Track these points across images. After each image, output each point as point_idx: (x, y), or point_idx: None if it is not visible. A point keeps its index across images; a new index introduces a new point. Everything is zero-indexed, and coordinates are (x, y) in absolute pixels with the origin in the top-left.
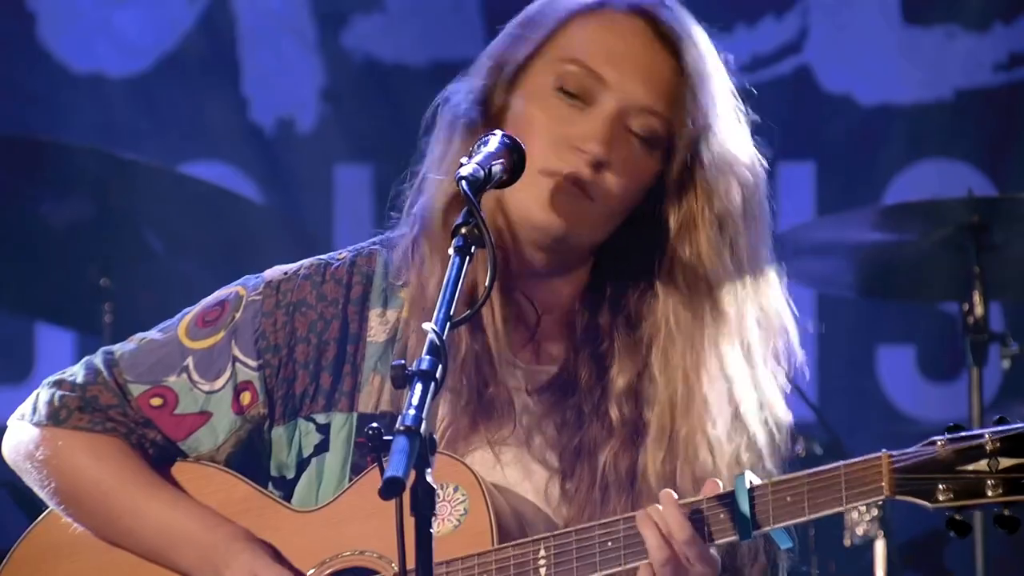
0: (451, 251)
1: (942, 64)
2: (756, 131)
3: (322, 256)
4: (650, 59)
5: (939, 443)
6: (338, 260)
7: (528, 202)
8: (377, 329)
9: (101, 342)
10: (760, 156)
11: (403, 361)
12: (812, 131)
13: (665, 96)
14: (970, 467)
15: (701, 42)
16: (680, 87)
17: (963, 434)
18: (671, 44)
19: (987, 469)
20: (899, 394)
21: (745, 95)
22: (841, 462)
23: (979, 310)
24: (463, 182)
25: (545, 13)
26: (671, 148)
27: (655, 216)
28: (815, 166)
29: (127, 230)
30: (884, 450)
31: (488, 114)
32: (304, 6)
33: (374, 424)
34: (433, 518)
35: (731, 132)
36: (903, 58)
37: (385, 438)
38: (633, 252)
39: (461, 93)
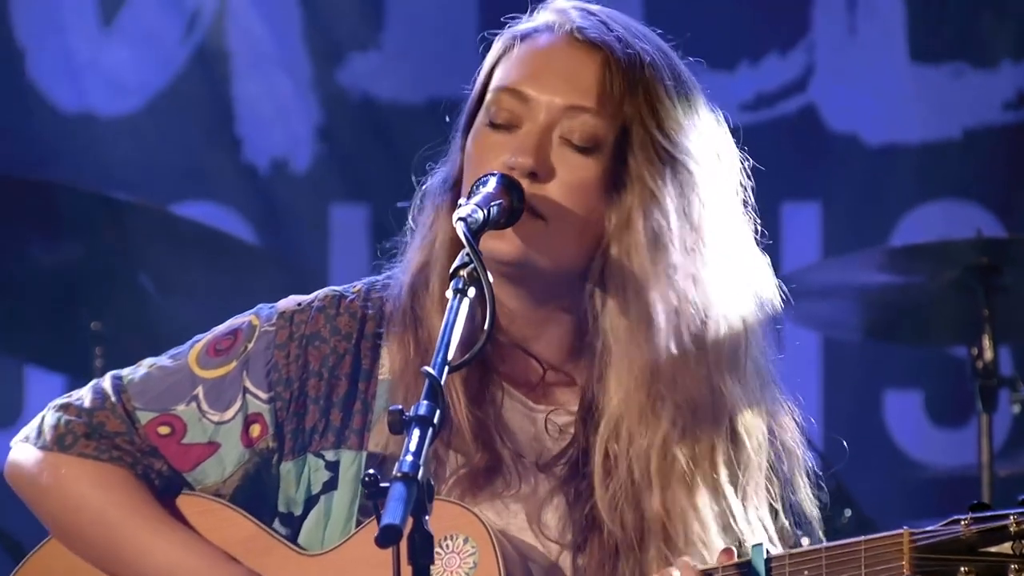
0: (449, 293)
1: (950, 103)
2: (760, 171)
3: (336, 288)
4: (571, 63)
5: (963, 522)
6: (353, 293)
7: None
8: (389, 367)
9: None
10: (729, 146)
11: (400, 406)
12: (817, 171)
13: (592, 91)
14: (993, 549)
15: (632, 37)
16: (610, 81)
17: (988, 514)
18: (594, 45)
19: (1011, 552)
20: (906, 440)
21: (748, 134)
22: (861, 537)
23: (988, 354)
24: (461, 223)
25: (486, 59)
26: (607, 143)
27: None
28: (820, 207)
29: (118, 272)
30: (905, 527)
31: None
32: (299, 43)
33: (370, 471)
34: (431, 567)
35: (676, 121)
36: (910, 96)
37: (382, 484)
38: None
39: (437, 181)
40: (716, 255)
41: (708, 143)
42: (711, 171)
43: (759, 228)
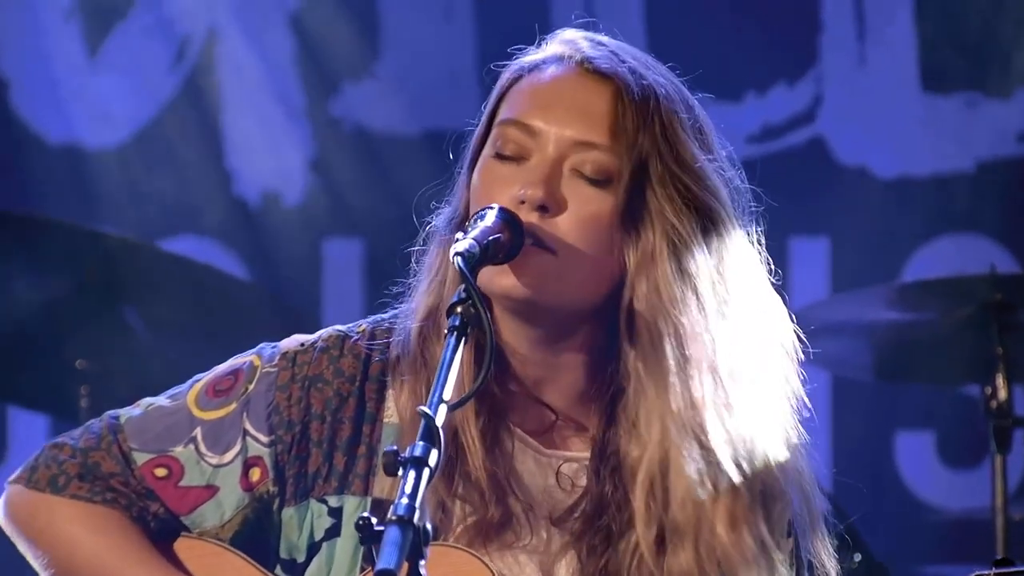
0: (446, 331)
1: (963, 134)
2: (767, 205)
3: (341, 327)
4: (582, 95)
5: None
6: (357, 333)
7: (487, 273)
8: (394, 410)
9: (77, 426)
10: (740, 182)
11: (395, 447)
12: (826, 205)
13: (603, 126)
14: None
15: (644, 68)
16: (621, 114)
17: (1011, 569)
18: (605, 76)
19: None
20: (918, 482)
21: (754, 167)
22: None
23: (1002, 393)
24: (458, 258)
25: (493, 89)
26: (621, 177)
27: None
28: (829, 242)
29: (105, 309)
30: None
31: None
32: (291, 73)
33: (364, 514)
34: None
35: (694, 155)
36: (922, 128)
37: (377, 528)
38: None
39: (443, 220)
40: (738, 288)
41: (723, 177)
42: (729, 205)
43: (766, 264)
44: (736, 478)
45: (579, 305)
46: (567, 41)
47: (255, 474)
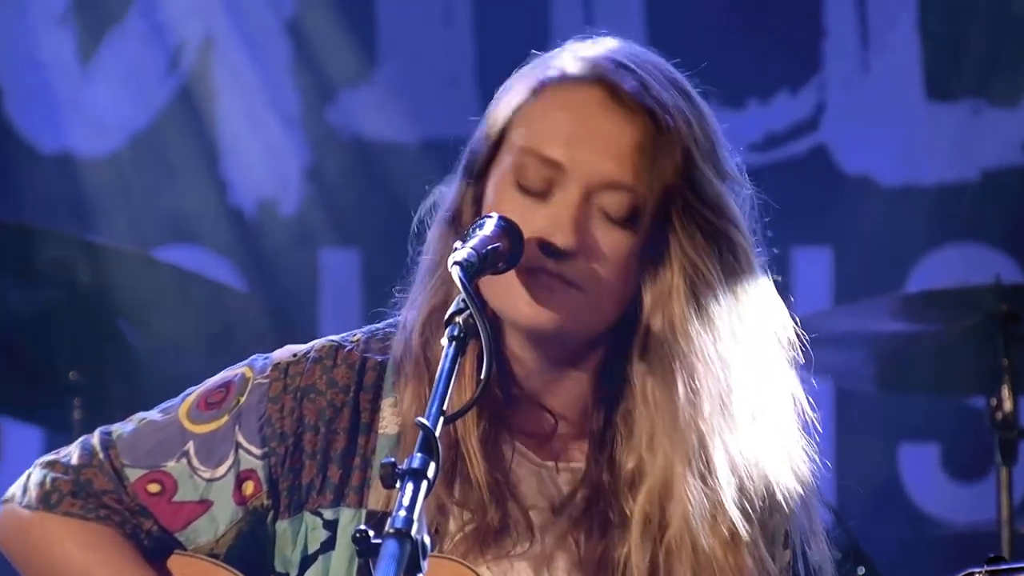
0: (444, 341)
1: (968, 142)
2: (769, 214)
3: (334, 337)
4: (610, 130)
5: (977, 574)
6: (351, 343)
7: (512, 302)
8: (389, 420)
9: (70, 439)
10: (756, 237)
11: (392, 459)
12: (829, 214)
13: (629, 164)
14: None
15: (667, 92)
16: (647, 151)
17: (1004, 567)
18: (633, 108)
19: None
20: (922, 494)
21: (756, 175)
22: None
23: (1008, 405)
24: (457, 268)
25: (503, 95)
26: (645, 214)
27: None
28: (832, 251)
29: (98, 319)
30: None
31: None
32: (287, 80)
33: (361, 526)
34: None
35: (711, 189)
36: (926, 136)
37: (374, 541)
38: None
39: (444, 227)
40: (752, 317)
41: (739, 198)
42: (747, 233)
43: (769, 273)
44: (735, 498)
45: (595, 331)
46: (591, 62)
47: (248, 487)
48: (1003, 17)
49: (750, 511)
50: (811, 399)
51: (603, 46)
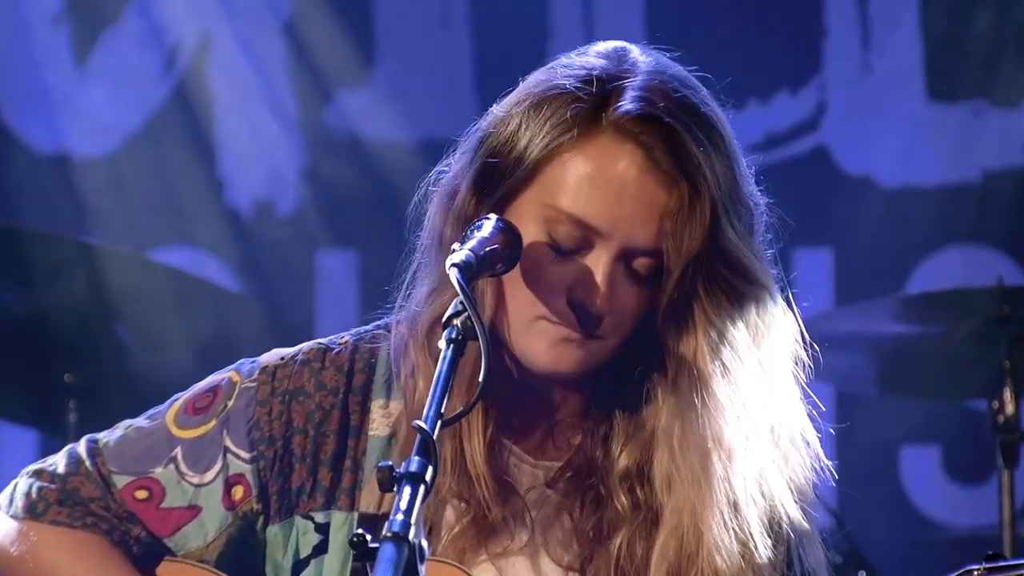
0: (442, 343)
1: (969, 143)
2: (769, 215)
3: (322, 340)
4: (646, 194)
5: (975, 572)
6: (339, 345)
7: (532, 347)
8: (379, 422)
9: (66, 442)
10: (770, 270)
11: (390, 462)
12: (830, 215)
13: (664, 231)
14: None
15: (703, 150)
16: (680, 216)
17: (1002, 563)
18: (672, 174)
19: None
20: (924, 498)
21: (757, 176)
22: None
23: (1010, 407)
24: (454, 270)
25: (534, 111)
26: (671, 274)
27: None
28: (833, 253)
29: (93, 321)
30: None
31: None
32: (284, 81)
33: (358, 531)
34: None
35: (737, 252)
36: (927, 137)
37: (371, 545)
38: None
39: (451, 174)
40: (771, 362)
41: (757, 229)
42: (771, 280)
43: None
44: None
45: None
46: (634, 118)
47: (238, 492)
48: (1004, 18)
49: (763, 532)
50: (812, 404)
51: (639, 71)
